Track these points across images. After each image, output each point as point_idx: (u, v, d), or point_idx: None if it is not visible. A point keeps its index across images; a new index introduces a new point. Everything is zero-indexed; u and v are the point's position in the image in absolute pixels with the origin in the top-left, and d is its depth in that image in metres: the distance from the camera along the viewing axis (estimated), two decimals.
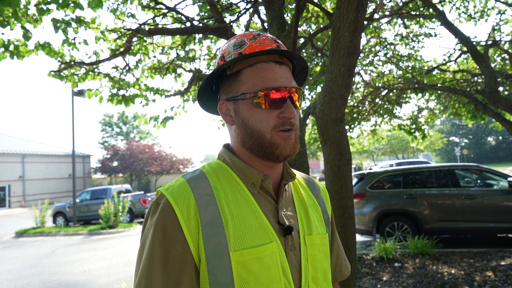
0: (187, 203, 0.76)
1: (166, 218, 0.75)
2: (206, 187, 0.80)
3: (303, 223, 0.88)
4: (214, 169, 0.87)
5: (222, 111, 0.89)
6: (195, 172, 0.86)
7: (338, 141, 2.28)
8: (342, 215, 2.33)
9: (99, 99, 5.41)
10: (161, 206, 0.77)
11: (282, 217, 0.83)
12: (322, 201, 1.00)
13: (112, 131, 43.43)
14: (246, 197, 0.82)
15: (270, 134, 0.80)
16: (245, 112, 0.83)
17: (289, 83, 0.83)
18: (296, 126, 0.82)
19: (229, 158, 0.88)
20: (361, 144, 14.44)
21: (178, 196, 0.77)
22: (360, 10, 2.04)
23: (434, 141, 33.25)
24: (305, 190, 0.97)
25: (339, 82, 2.18)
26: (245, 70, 0.84)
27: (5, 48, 3.95)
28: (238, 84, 0.84)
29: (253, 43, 0.84)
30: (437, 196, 6.81)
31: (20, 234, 12.41)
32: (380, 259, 5.92)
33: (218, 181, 0.83)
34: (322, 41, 6.15)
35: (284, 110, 0.80)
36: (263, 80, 0.81)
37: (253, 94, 0.81)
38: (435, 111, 9.96)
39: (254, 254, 0.75)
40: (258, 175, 0.84)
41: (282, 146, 0.80)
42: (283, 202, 0.87)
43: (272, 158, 0.82)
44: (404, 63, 8.00)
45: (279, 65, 0.84)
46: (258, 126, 0.81)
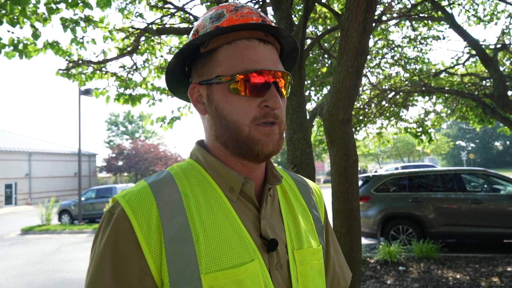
0: (148, 213, 0.61)
1: (120, 232, 0.60)
2: (173, 193, 0.65)
3: (292, 236, 0.74)
4: (185, 171, 0.72)
5: (193, 97, 0.74)
6: (160, 174, 0.71)
7: (345, 142, 2.27)
8: (348, 217, 2.31)
9: (106, 98, 5.44)
10: (115, 217, 0.62)
11: (264, 229, 0.69)
12: (314, 207, 0.85)
13: (117, 130, 43.69)
14: (222, 204, 0.67)
15: (249, 127, 0.66)
16: (219, 99, 0.69)
17: (274, 66, 0.69)
18: (280, 119, 0.69)
19: (203, 156, 0.73)
20: (367, 146, 14.38)
21: (137, 204, 0.62)
22: (369, 11, 2.03)
23: (440, 145, 33.03)
24: (294, 195, 0.82)
25: (346, 83, 2.17)
26: (222, 48, 0.69)
27: (14, 47, 3.99)
28: (213, 64, 0.70)
29: (234, 15, 0.70)
30: (443, 200, 6.76)
31: (26, 231, 12.51)
32: (384, 262, 5.88)
33: (189, 185, 0.68)
34: (329, 42, 6.13)
35: (268, 99, 0.66)
36: (243, 61, 0.67)
37: (230, 77, 0.66)
38: (442, 114, 9.89)
39: (231, 277, 0.60)
40: (237, 178, 0.69)
41: (263, 142, 0.67)
42: (267, 210, 0.72)
43: (251, 157, 0.68)
44: (411, 65, 7.96)
45: (264, 43, 0.70)
46: (235, 116, 0.67)
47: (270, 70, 0.67)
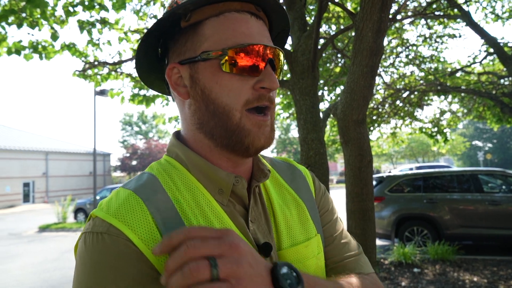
0: (147, 225, 0.53)
1: (124, 255, 0.50)
2: (164, 199, 0.57)
3: (281, 234, 0.66)
4: (167, 172, 0.62)
5: (172, 79, 0.63)
6: (141, 178, 0.61)
7: (359, 142, 2.26)
8: (362, 217, 2.30)
9: (121, 99, 5.53)
10: (107, 238, 0.51)
11: (255, 233, 0.61)
12: (306, 191, 0.76)
13: (131, 130, 44.27)
14: (213, 209, 0.59)
15: (240, 113, 0.58)
16: (207, 80, 0.59)
17: (268, 43, 0.61)
18: (274, 104, 0.61)
19: (184, 154, 0.63)
20: (380, 147, 14.22)
21: (130, 217, 0.53)
22: (384, 10, 2.02)
23: (456, 145, 32.40)
24: (278, 186, 0.73)
25: (361, 83, 2.16)
26: (208, 21, 0.59)
27: (34, 49, 4.09)
28: (197, 39, 0.60)
29: None
30: (459, 201, 6.63)
31: (43, 229, 12.79)
32: (398, 264, 5.81)
33: (176, 188, 0.60)
34: (343, 42, 6.09)
35: (263, 79, 0.58)
36: (235, 35, 0.58)
37: (221, 51, 0.57)
38: (458, 114, 9.71)
39: None
40: (227, 178, 0.60)
41: (254, 133, 0.58)
42: (256, 211, 0.64)
43: (240, 150, 0.59)
44: (426, 64, 7.84)
45: (256, 18, 0.61)
46: (225, 99, 0.58)
47: (267, 46, 0.59)
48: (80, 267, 0.53)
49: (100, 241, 0.52)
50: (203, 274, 0.42)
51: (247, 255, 0.47)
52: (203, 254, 0.44)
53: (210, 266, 0.43)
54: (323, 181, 2.66)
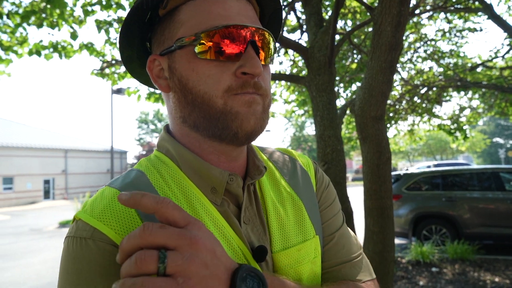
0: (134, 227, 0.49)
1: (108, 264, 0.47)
2: None
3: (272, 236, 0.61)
4: (157, 168, 0.58)
5: (154, 72, 0.59)
6: (129, 175, 0.58)
7: (378, 139, 2.22)
8: (380, 215, 2.27)
9: (137, 97, 5.61)
10: (92, 244, 0.48)
11: (248, 235, 0.57)
12: (306, 186, 0.70)
13: (147, 128, 44.88)
14: (206, 209, 0.55)
15: (223, 98, 0.52)
16: (183, 68, 0.54)
17: (249, 23, 0.54)
18: (264, 89, 0.55)
19: (175, 149, 0.59)
20: (397, 144, 13.99)
21: (114, 219, 0.49)
22: (403, 4, 1.97)
23: (476, 142, 31.60)
24: (275, 183, 0.67)
25: (379, 78, 2.12)
26: (185, 5, 0.55)
27: (54, 49, 4.18)
28: (174, 27, 0.56)
29: None
30: (480, 199, 6.46)
31: (63, 225, 13.12)
32: (416, 263, 5.71)
33: (166, 185, 0.56)
34: (359, 37, 6.01)
35: (244, 63, 0.52)
36: (211, 17, 0.53)
37: (194, 36, 0.52)
38: (479, 110, 9.45)
39: None
40: (221, 176, 0.56)
41: (243, 115, 0.52)
42: (250, 211, 0.60)
43: (228, 136, 0.54)
44: (445, 59, 7.65)
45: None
46: (203, 87, 0.53)
47: (245, 26, 0.53)
48: (63, 275, 0.49)
49: (84, 247, 0.48)
50: (148, 266, 0.39)
51: (205, 253, 0.42)
52: (157, 242, 0.40)
53: (158, 259, 0.39)
54: (340, 177, 2.63)
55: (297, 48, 2.88)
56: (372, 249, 2.30)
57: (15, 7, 3.81)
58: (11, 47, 4.13)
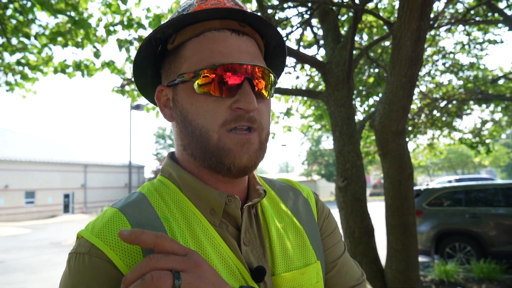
0: (130, 246, 0.51)
1: (102, 278, 0.49)
2: (151, 217, 0.55)
3: (275, 259, 0.62)
4: (158, 191, 0.61)
5: (161, 101, 0.64)
6: (131, 197, 0.60)
7: (399, 154, 2.18)
8: (403, 232, 2.20)
9: (156, 113, 5.72)
10: (87, 259, 0.50)
11: (247, 256, 0.58)
12: (307, 214, 0.72)
13: (165, 143, 45.48)
14: (205, 230, 0.57)
15: (218, 134, 0.55)
16: (184, 101, 0.58)
17: (249, 60, 0.57)
18: (260, 123, 0.57)
19: (176, 173, 0.62)
20: (417, 158, 13.70)
21: (112, 237, 0.51)
22: (423, 19, 1.96)
23: (499, 156, 30.63)
24: (276, 209, 0.69)
25: (400, 93, 2.10)
26: (189, 42, 0.59)
27: (77, 67, 4.33)
28: (179, 61, 0.60)
29: (203, 4, 0.59)
30: (506, 216, 6.21)
31: None
32: (440, 282, 5.50)
33: (166, 207, 0.58)
34: (375, 52, 5.99)
35: (239, 99, 0.55)
36: (211, 55, 0.56)
37: (193, 73, 0.56)
38: (501, 123, 9.20)
39: None
40: (219, 197, 0.58)
41: (235, 152, 0.55)
42: (250, 232, 0.61)
43: (222, 171, 0.57)
44: (465, 72, 7.52)
45: (238, 35, 0.59)
46: (201, 121, 0.56)
47: (241, 64, 0.56)
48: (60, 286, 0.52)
49: (80, 263, 0.50)
50: (165, 283, 0.41)
51: (210, 274, 0.46)
52: (166, 267, 0.43)
53: (173, 277, 0.42)
54: (360, 194, 2.58)
55: (314, 64, 2.89)
56: (396, 268, 2.23)
57: (42, 29, 3.98)
58: (38, 66, 4.30)
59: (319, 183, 36.64)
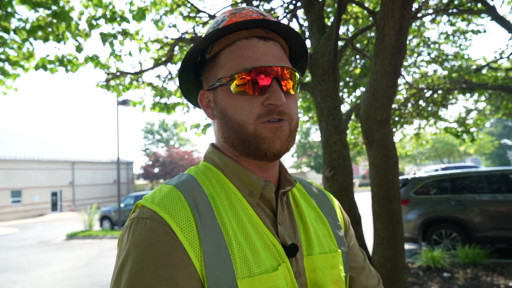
0: (185, 214, 0.59)
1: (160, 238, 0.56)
2: (201, 195, 0.63)
3: (302, 241, 0.71)
4: (205, 173, 0.70)
5: (203, 103, 0.75)
6: (181, 177, 0.69)
7: (384, 143, 2.20)
8: (389, 220, 2.24)
9: (142, 107, 5.65)
10: (148, 223, 0.57)
11: (282, 235, 0.67)
12: (332, 212, 0.82)
13: (153, 139, 45.10)
14: (245, 209, 0.65)
15: (254, 125, 0.65)
16: (223, 102, 0.68)
17: (275, 62, 0.67)
18: (289, 115, 0.66)
19: (220, 159, 0.71)
20: (404, 148, 13.89)
21: (171, 206, 0.59)
22: (405, 8, 1.97)
23: (484, 145, 31.26)
24: (305, 199, 0.80)
25: (384, 82, 2.11)
26: (224, 51, 0.69)
27: (59, 63, 4.23)
28: (216, 69, 0.70)
29: (233, 18, 0.70)
30: (490, 202, 6.37)
31: (70, 237, 13.15)
32: (427, 268, 5.62)
33: (212, 187, 0.67)
34: (361, 42, 6.01)
35: (270, 96, 0.64)
36: (242, 61, 0.66)
37: (229, 78, 0.66)
38: (485, 112, 9.37)
39: (267, 282, 0.58)
40: (258, 181, 0.67)
41: (270, 139, 0.64)
42: (283, 215, 0.70)
43: (259, 155, 0.66)
44: (449, 62, 7.62)
45: (264, 41, 0.68)
46: (239, 116, 0.66)
47: (269, 66, 0.65)
48: (122, 248, 0.59)
49: (143, 226, 0.58)
50: None
51: None
52: None
53: None
54: (347, 183, 2.61)
55: None
56: (382, 255, 2.27)
57: (22, 23, 3.88)
58: (18, 62, 4.19)
59: (308, 175, 36.91)
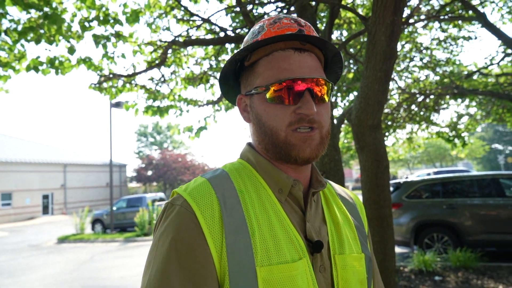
0: (210, 205, 0.66)
1: (185, 223, 0.64)
2: (230, 189, 0.70)
3: (334, 240, 0.76)
4: (238, 169, 0.77)
5: (241, 106, 0.81)
6: (216, 171, 0.76)
7: (375, 148, 2.22)
8: (380, 224, 2.25)
9: (135, 111, 5.61)
10: (178, 209, 0.66)
11: (310, 231, 0.71)
12: (357, 217, 0.87)
13: (147, 141, 44.85)
14: (272, 203, 0.71)
15: (285, 132, 0.69)
16: (258, 108, 0.73)
17: (309, 73, 0.71)
18: (320, 123, 0.71)
19: (254, 157, 0.77)
20: (396, 152, 13.99)
21: (199, 197, 0.67)
22: (397, 14, 1.99)
23: (475, 149, 31.60)
24: (336, 203, 0.84)
25: (375, 87, 2.13)
26: (261, 60, 0.74)
27: (51, 64, 4.20)
28: (254, 76, 0.75)
29: (271, 28, 0.74)
30: (481, 206, 6.43)
31: (61, 240, 12.99)
32: (419, 271, 5.65)
33: (243, 182, 0.73)
34: (355, 47, 6.06)
35: (301, 106, 0.69)
36: (278, 71, 0.71)
37: (265, 87, 0.71)
38: (476, 117, 9.48)
39: (285, 272, 0.64)
40: (287, 180, 0.73)
41: (299, 147, 0.69)
42: (311, 213, 0.75)
43: (290, 161, 0.71)
44: (441, 68, 7.71)
45: (300, 52, 0.73)
46: (272, 123, 0.71)
47: (303, 78, 0.69)
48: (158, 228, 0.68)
49: (172, 211, 0.67)
50: None
51: None
52: None
53: None
54: None
55: None
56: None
57: (14, 24, 3.84)
58: (9, 63, 4.15)
59: None
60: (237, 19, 5.18)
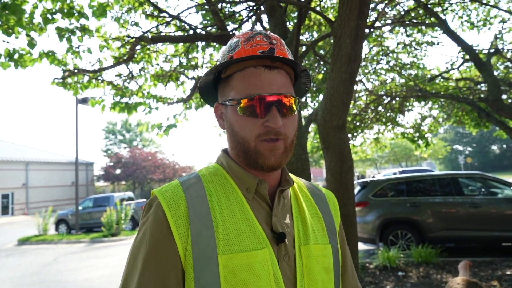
0: (177, 204, 0.75)
1: (156, 220, 0.75)
2: (199, 189, 0.79)
3: (300, 232, 0.83)
4: (211, 173, 0.86)
5: (217, 113, 0.89)
6: (190, 175, 0.86)
7: (340, 148, 2.27)
8: (344, 222, 2.31)
9: (101, 107, 5.44)
10: (153, 208, 0.77)
11: (275, 224, 0.79)
12: (327, 211, 0.93)
13: (115, 139, 43.59)
14: (239, 201, 0.79)
15: (254, 142, 0.78)
16: (231, 118, 0.81)
17: (276, 90, 0.78)
18: (285, 134, 0.78)
19: (226, 162, 0.87)
20: (364, 152, 14.41)
21: (170, 197, 0.77)
22: (361, 18, 2.05)
23: (438, 150, 33.11)
24: (306, 198, 0.92)
25: (340, 89, 2.18)
26: (235, 74, 0.81)
27: (9, 57, 3.99)
28: (228, 88, 0.82)
29: (245, 46, 0.81)
30: (441, 204, 6.75)
31: (22, 242, 12.39)
32: (383, 268, 5.85)
33: (212, 184, 0.82)
34: (324, 49, 6.18)
35: (269, 119, 0.76)
36: (249, 87, 0.78)
37: (236, 101, 0.78)
38: (439, 119, 9.93)
39: (243, 259, 0.72)
40: (253, 180, 0.81)
41: (266, 156, 0.77)
42: (278, 209, 0.83)
43: (257, 167, 0.79)
44: (406, 71, 8.02)
45: (270, 70, 0.79)
46: (243, 133, 0.79)
47: (270, 94, 0.77)
48: (140, 224, 0.79)
49: (149, 210, 0.78)
50: None
51: None
52: None
53: None
54: None
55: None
56: None
57: None
58: None
59: None
60: (208, 17, 5.14)
